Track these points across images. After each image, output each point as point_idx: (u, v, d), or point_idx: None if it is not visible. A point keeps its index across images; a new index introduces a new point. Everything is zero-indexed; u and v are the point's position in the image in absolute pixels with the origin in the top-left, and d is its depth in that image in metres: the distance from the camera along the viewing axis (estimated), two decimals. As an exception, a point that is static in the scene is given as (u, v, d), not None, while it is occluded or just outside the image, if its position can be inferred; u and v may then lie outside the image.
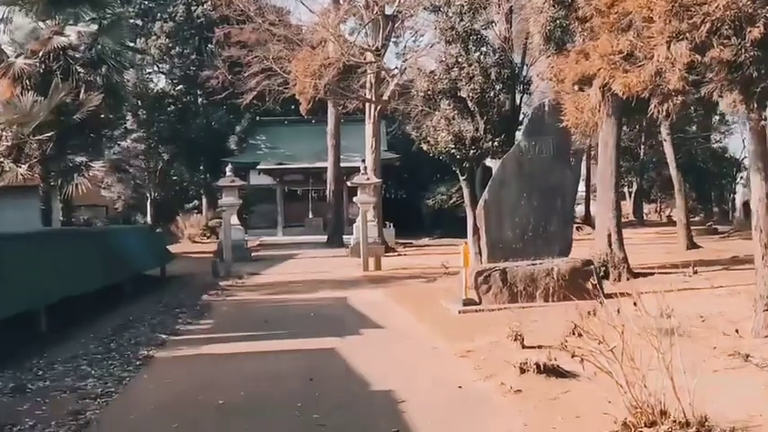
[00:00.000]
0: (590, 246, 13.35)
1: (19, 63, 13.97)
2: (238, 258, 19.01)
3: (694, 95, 7.09)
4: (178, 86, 34.06)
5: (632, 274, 12.48)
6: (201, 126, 33.87)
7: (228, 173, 21.40)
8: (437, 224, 30.89)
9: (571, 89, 7.87)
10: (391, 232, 25.59)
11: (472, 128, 12.90)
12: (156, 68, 35.78)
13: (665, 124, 17.55)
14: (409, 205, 33.28)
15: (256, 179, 33.05)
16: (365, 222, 18.66)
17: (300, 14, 43.93)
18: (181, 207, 34.00)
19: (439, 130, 13.09)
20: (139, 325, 9.76)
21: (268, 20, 23.06)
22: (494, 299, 9.95)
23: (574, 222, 10.75)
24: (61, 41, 13.95)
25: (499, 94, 13.25)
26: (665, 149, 18.51)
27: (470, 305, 9.91)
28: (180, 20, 32.74)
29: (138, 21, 33.78)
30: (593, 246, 13.18)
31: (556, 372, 5.99)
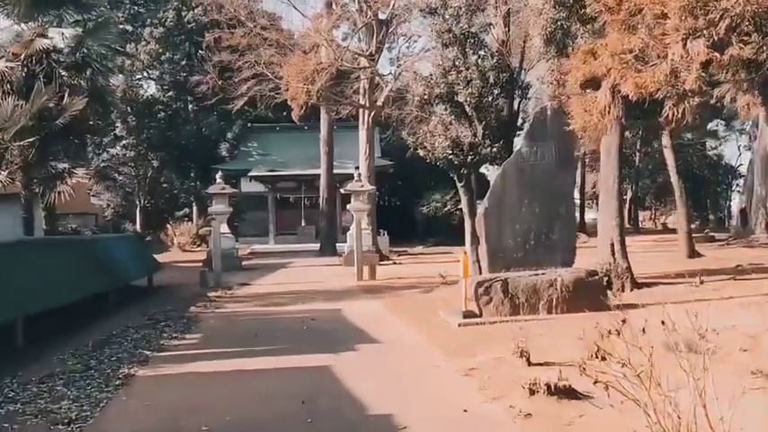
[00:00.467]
0: (590, 254, 12.94)
1: (-1, 66, 13.47)
2: (228, 268, 18.51)
3: (709, 96, 6.73)
4: (168, 92, 33.57)
5: (636, 285, 12.06)
6: (192, 133, 33.40)
7: (219, 180, 21.05)
8: (431, 232, 30.54)
9: (578, 91, 7.47)
10: (385, 240, 25.09)
11: (470, 133, 12.53)
12: (146, 74, 35.31)
13: (667, 131, 17.20)
14: (403, 213, 32.90)
15: (248, 186, 32.59)
16: (360, 230, 18.15)
17: (293, 19, 43.62)
18: (171, 215, 33.44)
19: (436, 136, 12.72)
20: (122, 339, 9.28)
21: (259, 24, 22.67)
22: (495, 311, 9.51)
23: (577, 230, 10.26)
24: (44, 44, 13.43)
25: (497, 99, 12.92)
26: (666, 156, 18.15)
27: (471, 317, 9.47)
28: (170, 25, 32.26)
29: (128, 26, 33.36)
30: (594, 254, 12.77)
31: (568, 393, 5.55)
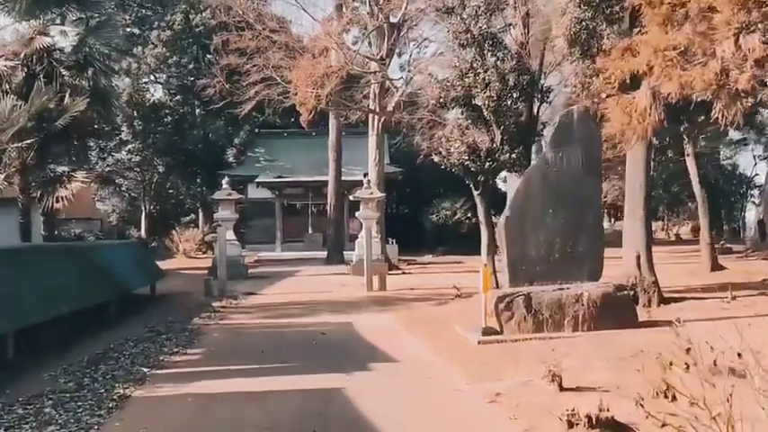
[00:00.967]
0: (610, 265, 12.26)
1: (-3, 65, 13.00)
2: (234, 276, 17.95)
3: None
4: (175, 97, 33.20)
5: (663, 300, 11.43)
6: (199, 137, 32.99)
7: (225, 186, 20.59)
8: (440, 240, 29.94)
9: (614, 92, 6.87)
10: (394, 249, 24.45)
11: (488, 138, 11.97)
12: (153, 78, 34.94)
13: (690, 138, 16.54)
14: (412, 221, 32.30)
15: (255, 192, 32.12)
16: (369, 239, 17.52)
17: (302, 22, 43.24)
18: (177, 221, 33.01)
19: (452, 141, 12.16)
20: (119, 354, 8.70)
21: (268, 27, 22.19)
22: (517, 327, 8.90)
23: (604, 241, 9.65)
24: (45, 42, 12.97)
25: (517, 103, 12.33)
26: (689, 165, 17.46)
27: (491, 334, 8.86)
28: (178, 28, 31.87)
29: (135, 29, 32.94)
30: (616, 265, 12.13)
31: (612, 426, 4.94)
